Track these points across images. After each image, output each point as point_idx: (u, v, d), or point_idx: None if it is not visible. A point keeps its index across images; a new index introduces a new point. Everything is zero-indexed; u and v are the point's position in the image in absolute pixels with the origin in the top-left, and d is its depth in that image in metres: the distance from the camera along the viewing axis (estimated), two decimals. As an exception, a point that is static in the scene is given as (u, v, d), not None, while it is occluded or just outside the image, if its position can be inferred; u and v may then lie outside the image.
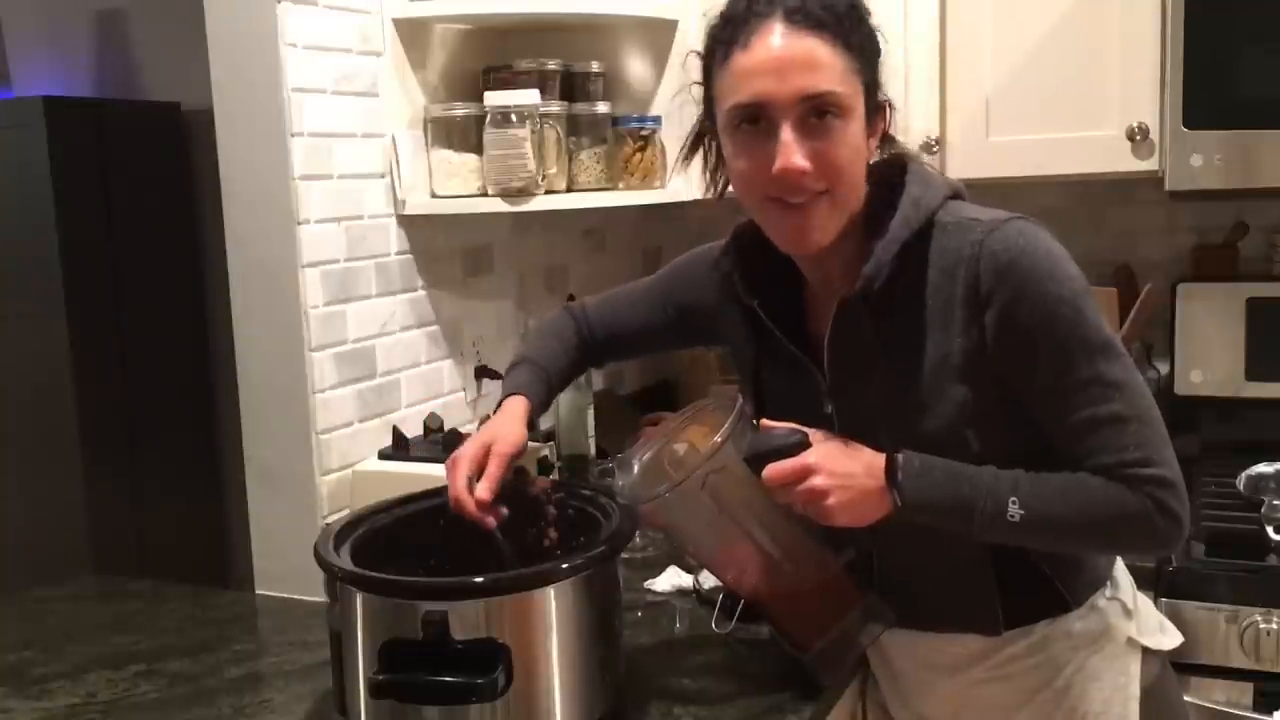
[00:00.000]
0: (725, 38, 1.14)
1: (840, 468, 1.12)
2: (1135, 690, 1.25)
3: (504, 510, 1.25)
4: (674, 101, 1.94)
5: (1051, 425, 1.15)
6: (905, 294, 1.17)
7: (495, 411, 1.36)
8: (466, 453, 1.26)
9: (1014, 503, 1.12)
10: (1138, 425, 1.13)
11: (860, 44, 1.13)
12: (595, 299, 1.52)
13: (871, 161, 1.19)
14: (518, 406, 1.35)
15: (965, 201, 1.21)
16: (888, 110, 1.19)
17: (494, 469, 1.25)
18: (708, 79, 1.19)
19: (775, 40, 1.10)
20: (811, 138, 1.11)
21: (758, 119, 1.12)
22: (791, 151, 1.10)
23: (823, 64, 1.10)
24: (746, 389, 1.35)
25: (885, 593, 1.24)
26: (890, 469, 1.14)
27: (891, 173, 1.21)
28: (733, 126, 1.15)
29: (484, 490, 1.23)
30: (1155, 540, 1.14)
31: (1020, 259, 1.11)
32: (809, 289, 1.28)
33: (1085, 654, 1.24)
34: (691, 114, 1.27)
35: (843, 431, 1.21)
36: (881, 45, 1.18)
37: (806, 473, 1.11)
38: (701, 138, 1.25)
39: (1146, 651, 1.27)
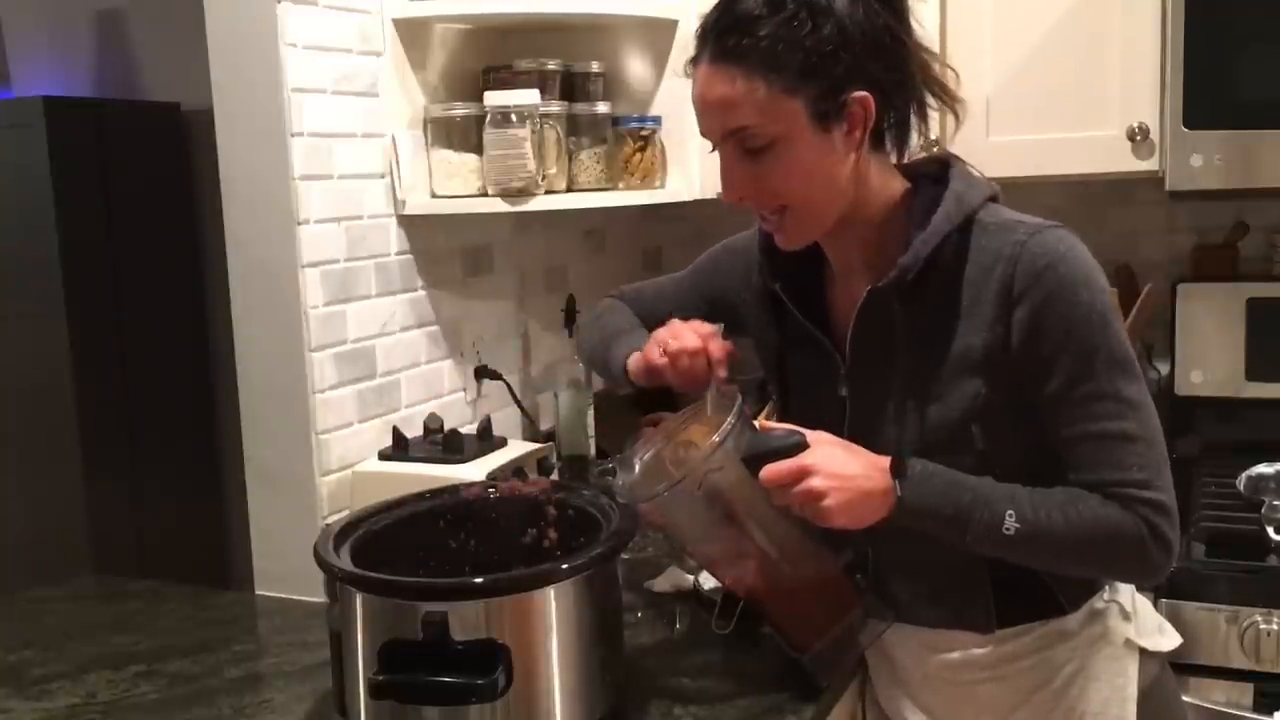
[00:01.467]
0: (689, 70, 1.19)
1: (838, 469, 1.12)
2: (1133, 691, 1.25)
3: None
4: (675, 100, 1.95)
5: (1059, 432, 1.15)
6: (938, 287, 1.17)
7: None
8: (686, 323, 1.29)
9: (1010, 516, 1.12)
10: (1145, 447, 1.13)
11: (802, 58, 1.09)
12: (630, 288, 1.56)
13: (859, 157, 1.16)
14: None
15: (1001, 204, 1.21)
16: (870, 102, 1.13)
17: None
18: None
19: (701, 81, 1.15)
20: (753, 164, 1.14)
21: (715, 148, 1.18)
22: (726, 183, 1.18)
23: (737, 100, 1.11)
24: (771, 369, 1.36)
25: (880, 587, 1.24)
26: (891, 472, 1.14)
27: (933, 169, 1.23)
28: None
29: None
30: (1146, 564, 1.14)
31: (1059, 264, 1.12)
32: (830, 272, 1.30)
33: (1083, 655, 1.24)
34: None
35: (853, 415, 1.22)
36: (865, 28, 1.11)
37: (804, 474, 1.11)
38: None
39: (1145, 653, 1.26)
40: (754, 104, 1.11)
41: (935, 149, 1.27)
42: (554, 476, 1.84)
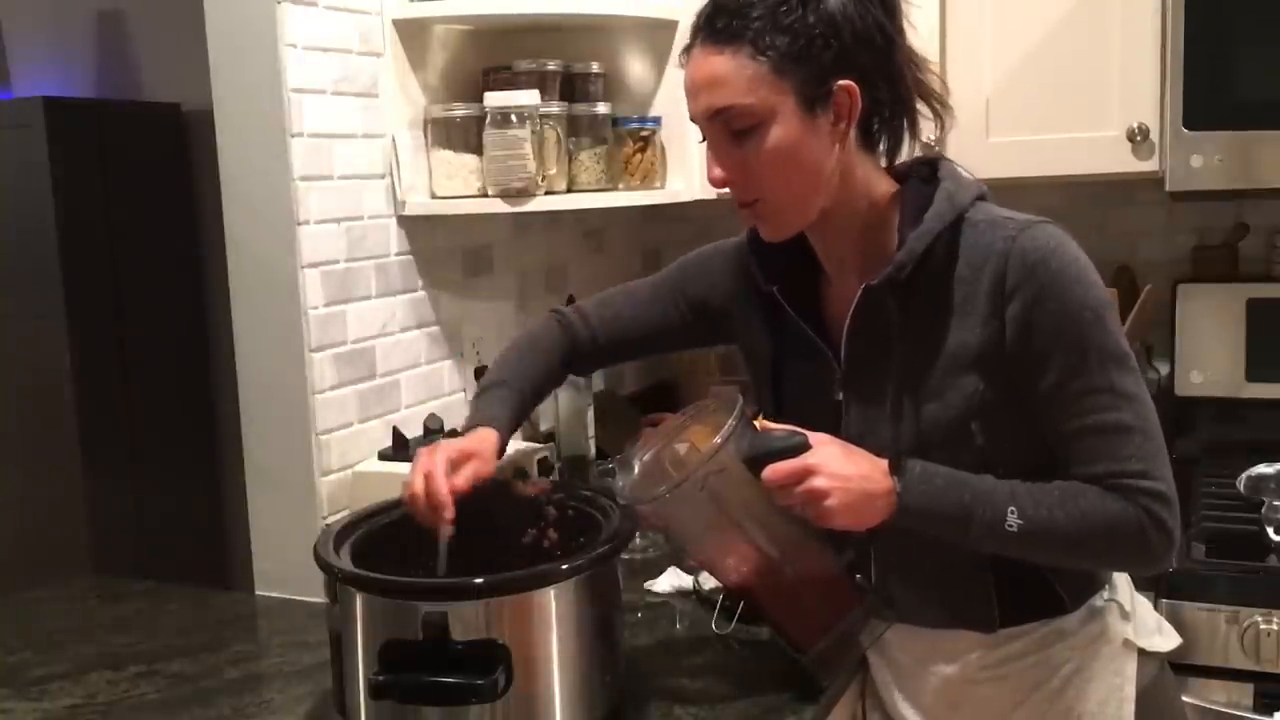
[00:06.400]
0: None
1: (840, 469, 1.12)
2: (1131, 691, 1.25)
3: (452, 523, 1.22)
4: (675, 100, 1.94)
5: (1055, 427, 1.15)
6: (930, 284, 1.18)
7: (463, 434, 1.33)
8: (447, 444, 1.25)
9: (1012, 512, 1.12)
10: (1141, 438, 1.13)
11: (788, 42, 1.11)
12: (591, 302, 1.49)
13: (844, 150, 1.16)
14: (489, 437, 1.31)
15: (990, 203, 1.22)
16: (856, 93, 1.14)
17: (471, 471, 1.23)
18: None
19: (691, 64, 1.17)
20: (737, 148, 1.16)
21: (704, 134, 1.19)
22: (711, 164, 1.19)
23: (724, 79, 1.13)
24: (763, 379, 1.35)
25: (881, 587, 1.24)
26: (891, 473, 1.14)
27: (923, 169, 1.23)
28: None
29: (462, 480, 1.21)
30: (1146, 554, 1.15)
31: (1050, 259, 1.13)
32: (824, 277, 1.30)
33: (1081, 655, 1.24)
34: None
35: (850, 417, 1.22)
36: (855, 20, 1.12)
37: (806, 474, 1.11)
38: None
39: (1143, 653, 1.27)
40: (741, 82, 1.12)
41: (933, 150, 1.27)
42: (554, 477, 1.85)
